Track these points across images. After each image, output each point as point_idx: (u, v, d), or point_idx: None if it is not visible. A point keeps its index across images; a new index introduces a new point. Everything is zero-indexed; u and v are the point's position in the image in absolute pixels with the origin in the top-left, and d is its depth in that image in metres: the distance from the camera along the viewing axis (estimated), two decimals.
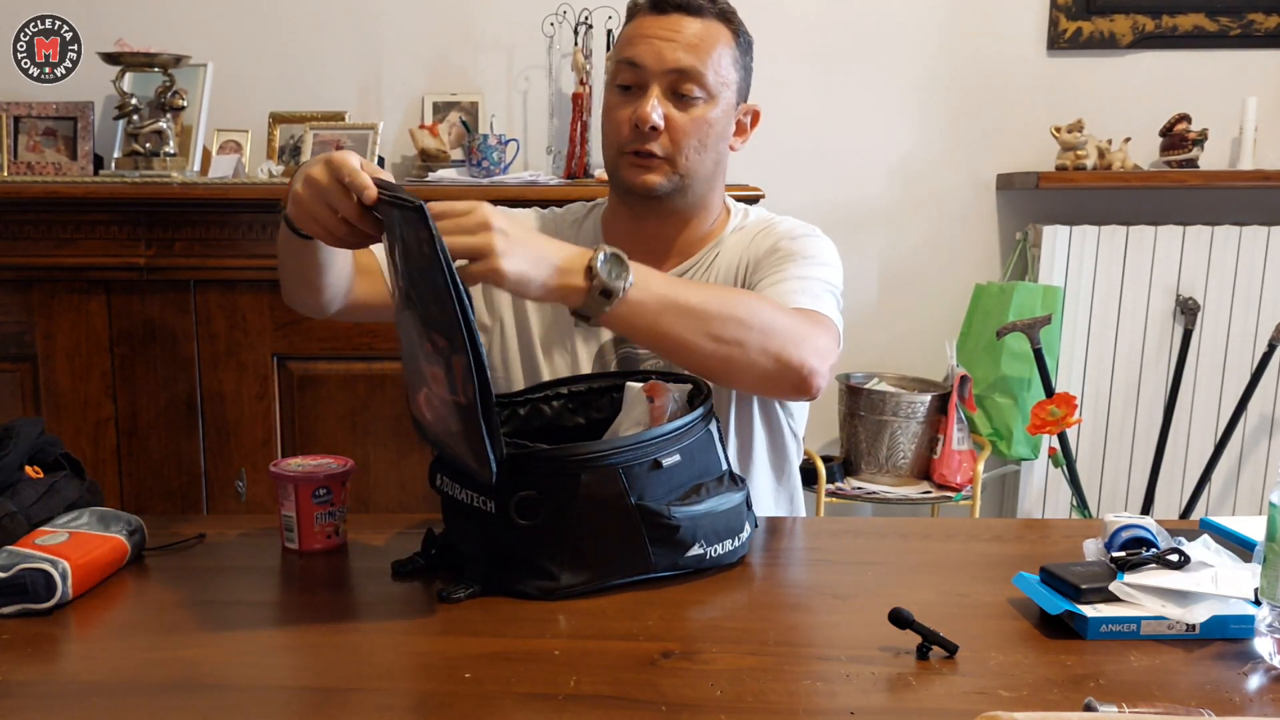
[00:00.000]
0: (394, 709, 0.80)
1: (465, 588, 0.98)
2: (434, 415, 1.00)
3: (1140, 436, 2.62)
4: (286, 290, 1.26)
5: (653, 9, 1.26)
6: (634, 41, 1.26)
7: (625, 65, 1.26)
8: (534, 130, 2.61)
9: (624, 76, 1.27)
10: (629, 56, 1.26)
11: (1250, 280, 2.55)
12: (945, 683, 0.82)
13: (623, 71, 1.27)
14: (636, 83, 1.26)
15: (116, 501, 2.25)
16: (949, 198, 2.67)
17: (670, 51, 1.24)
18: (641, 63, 1.24)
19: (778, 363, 1.12)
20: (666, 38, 1.24)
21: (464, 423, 0.92)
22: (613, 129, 1.29)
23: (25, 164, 2.42)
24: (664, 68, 1.24)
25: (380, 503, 2.27)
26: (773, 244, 1.32)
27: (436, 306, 0.89)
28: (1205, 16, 2.58)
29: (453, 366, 0.90)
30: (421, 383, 1.00)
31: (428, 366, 0.95)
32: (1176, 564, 0.94)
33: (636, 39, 1.26)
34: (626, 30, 1.29)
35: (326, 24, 2.57)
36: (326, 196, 0.98)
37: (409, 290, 0.95)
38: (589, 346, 1.34)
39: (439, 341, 0.91)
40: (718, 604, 1.00)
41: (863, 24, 2.60)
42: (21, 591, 0.94)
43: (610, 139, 1.30)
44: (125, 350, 2.24)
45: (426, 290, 0.90)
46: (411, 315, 0.96)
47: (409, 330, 0.98)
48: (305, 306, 1.26)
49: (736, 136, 1.35)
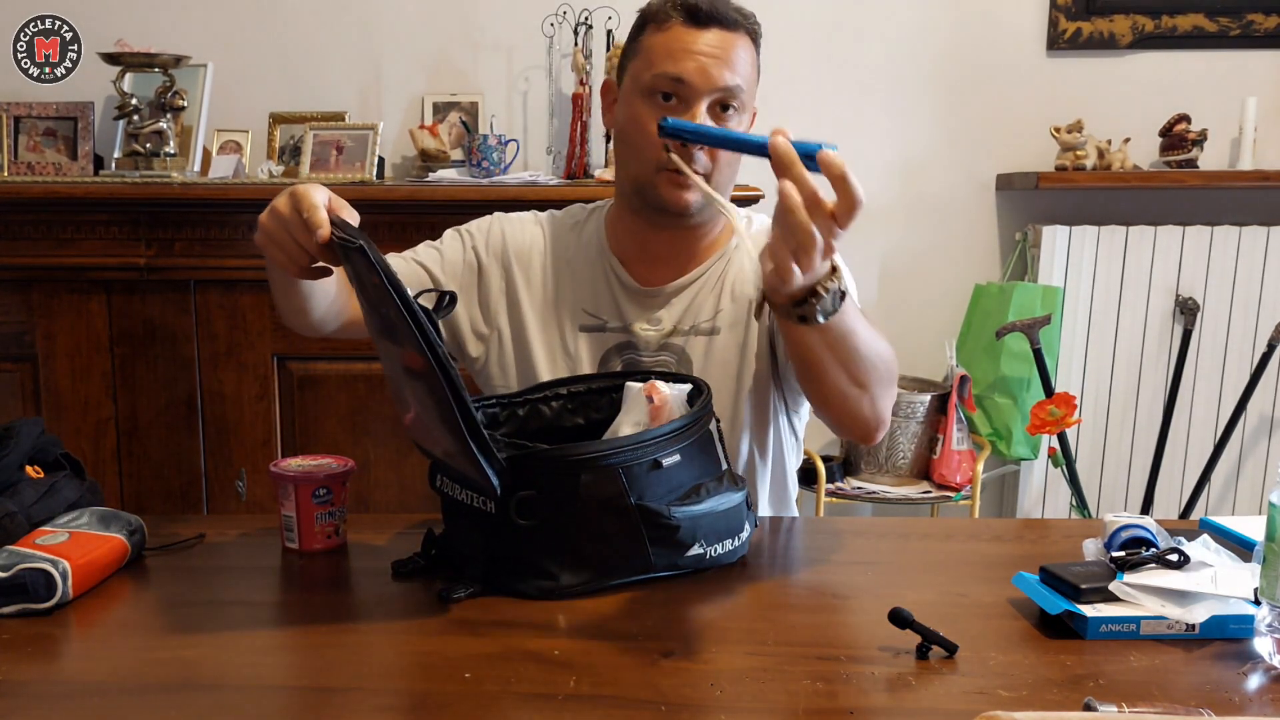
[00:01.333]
0: (394, 709, 0.80)
1: (465, 588, 0.98)
2: (426, 435, 1.01)
3: (1140, 436, 2.62)
4: (281, 312, 1.27)
5: (690, 21, 1.21)
6: (677, 56, 1.20)
7: (668, 79, 1.21)
8: (534, 130, 2.61)
9: (665, 86, 1.21)
10: (675, 73, 1.20)
11: (1250, 280, 2.55)
12: (945, 683, 0.82)
13: (664, 84, 1.21)
14: (680, 97, 1.21)
15: (116, 501, 2.25)
16: (949, 198, 2.67)
17: (717, 70, 1.20)
18: (690, 80, 1.20)
19: (874, 412, 1.14)
20: (712, 54, 1.20)
21: (456, 443, 0.92)
22: (649, 141, 1.22)
23: (25, 164, 2.42)
24: (712, 86, 1.20)
25: (380, 503, 2.27)
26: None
27: (403, 335, 0.90)
28: (1205, 17, 2.58)
29: (429, 396, 0.91)
30: (406, 407, 1.01)
31: (409, 391, 0.96)
32: (1176, 564, 0.94)
33: (680, 54, 1.20)
34: (659, 40, 1.22)
35: (326, 24, 2.57)
36: (288, 228, 1.00)
37: (379, 321, 0.96)
38: (590, 353, 1.33)
39: (414, 367, 0.91)
40: (718, 604, 1.00)
41: (863, 24, 2.60)
42: (22, 591, 0.95)
43: (644, 152, 1.23)
44: (125, 350, 2.24)
45: (392, 320, 0.91)
46: (387, 343, 0.97)
47: (388, 357, 0.99)
48: (300, 327, 1.27)
49: None
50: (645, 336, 1.32)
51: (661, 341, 1.32)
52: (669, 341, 1.32)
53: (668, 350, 1.32)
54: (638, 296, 1.32)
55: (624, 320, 1.32)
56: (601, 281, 1.33)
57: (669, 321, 1.32)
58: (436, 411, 0.92)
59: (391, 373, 1.02)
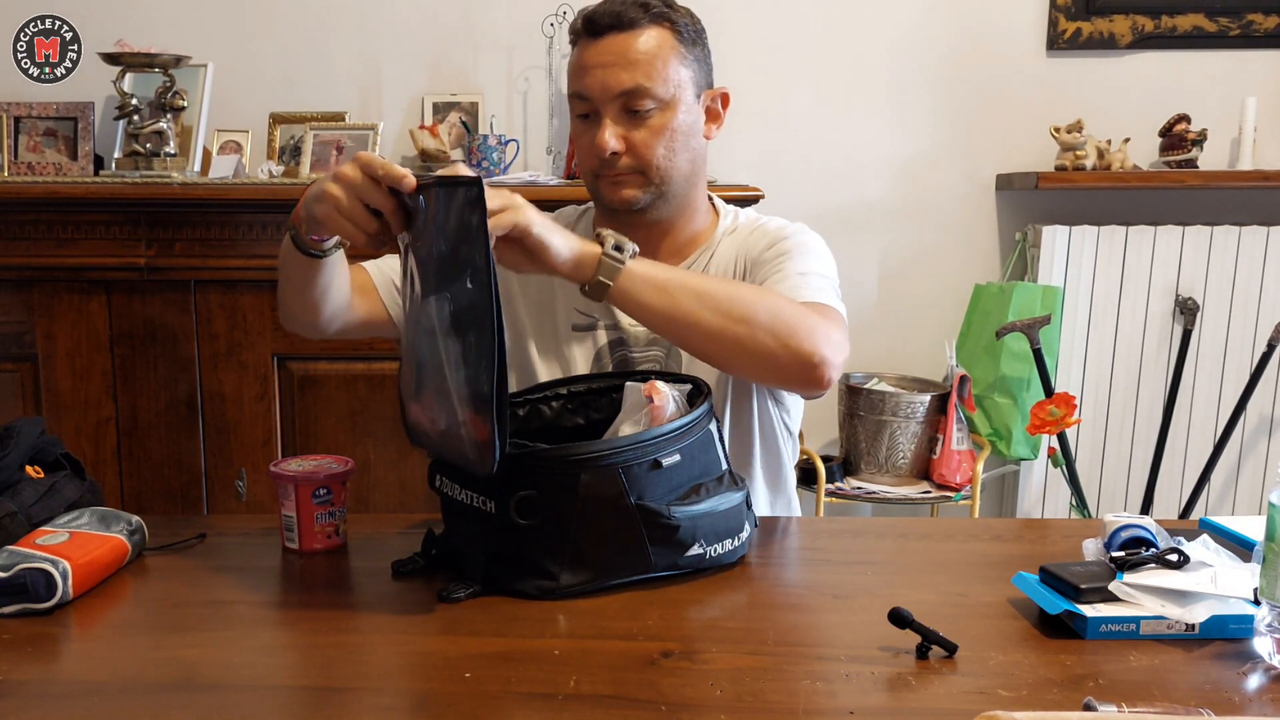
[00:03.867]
0: (394, 709, 0.80)
1: (465, 588, 0.99)
2: (434, 413, 1.00)
3: (1140, 436, 2.62)
4: (288, 311, 1.27)
5: (590, 34, 1.27)
6: (579, 73, 1.28)
7: (576, 99, 1.29)
8: (534, 131, 2.61)
9: (578, 108, 1.30)
10: (577, 90, 1.28)
11: (1250, 280, 2.55)
12: (945, 682, 0.82)
13: (576, 104, 1.30)
14: (591, 112, 1.28)
15: (117, 501, 2.26)
16: (949, 198, 2.67)
17: (612, 76, 1.25)
18: (589, 95, 1.27)
19: (787, 349, 1.12)
20: (607, 63, 1.25)
21: (475, 409, 0.92)
22: (582, 156, 1.32)
23: (26, 164, 2.42)
24: (610, 95, 1.25)
25: (380, 503, 2.27)
26: (768, 242, 1.33)
27: (469, 288, 0.91)
28: (1205, 17, 2.58)
29: (469, 350, 0.92)
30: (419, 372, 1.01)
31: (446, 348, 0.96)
32: (1176, 564, 0.94)
33: (581, 70, 1.28)
34: (572, 60, 1.31)
35: (326, 24, 2.57)
36: (360, 192, 1.00)
37: (437, 277, 0.96)
38: (584, 351, 1.34)
39: (465, 325, 0.92)
40: (718, 604, 1.00)
41: (863, 24, 2.60)
42: (22, 591, 0.95)
43: (583, 164, 1.33)
44: (126, 350, 2.24)
45: (458, 272, 0.92)
46: (437, 301, 0.96)
47: (427, 317, 0.98)
48: (305, 326, 1.28)
49: (710, 124, 1.35)
50: (634, 331, 1.33)
51: (651, 335, 1.32)
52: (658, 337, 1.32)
53: (658, 344, 1.33)
54: None
55: (614, 316, 1.34)
56: None
57: None
58: (468, 372, 0.92)
59: (415, 338, 1.02)
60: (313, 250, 1.15)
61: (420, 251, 0.99)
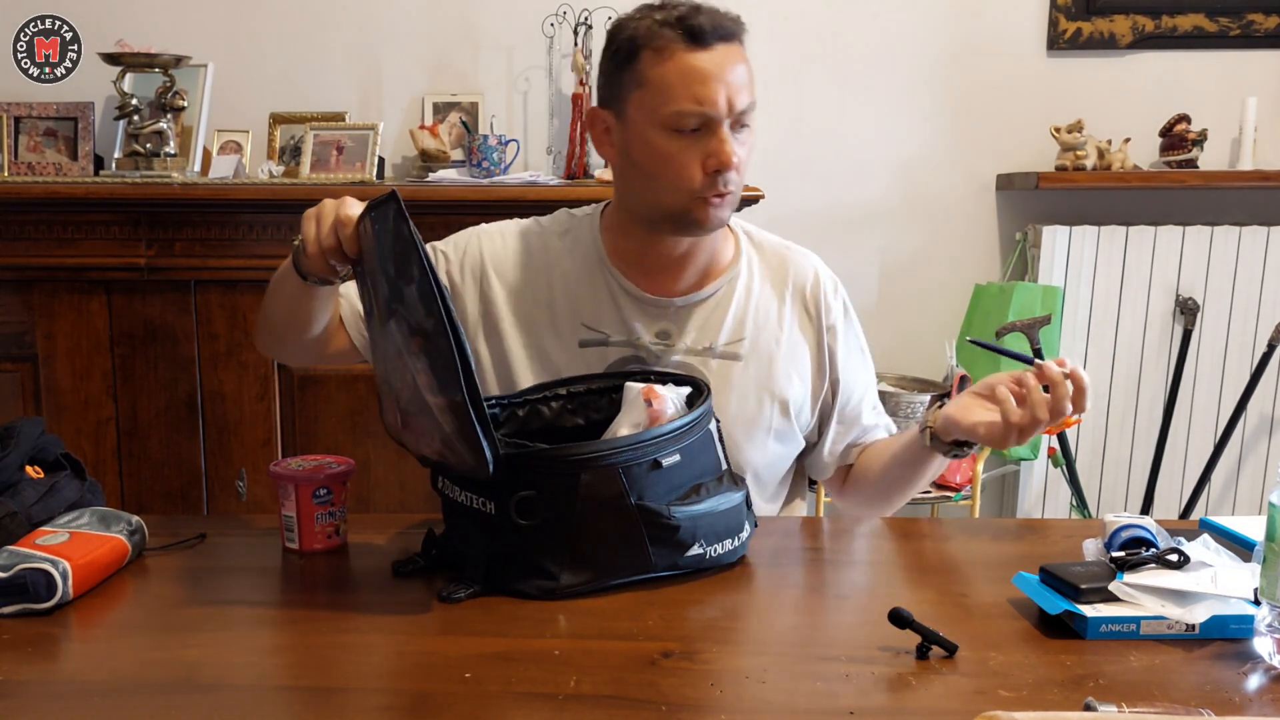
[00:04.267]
0: (394, 709, 0.80)
1: (465, 588, 0.99)
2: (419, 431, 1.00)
3: (1140, 436, 2.62)
4: (273, 336, 1.27)
5: (693, 42, 1.16)
6: (693, 87, 1.15)
7: (694, 116, 1.16)
8: (534, 131, 2.61)
9: (690, 123, 1.16)
10: (697, 109, 1.16)
11: (1250, 280, 2.55)
12: (945, 683, 0.82)
13: (689, 121, 1.16)
14: (702, 124, 1.17)
15: (117, 501, 2.25)
16: (949, 198, 2.67)
17: (737, 95, 1.17)
18: (711, 106, 1.16)
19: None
20: (727, 75, 1.16)
21: (456, 420, 0.92)
22: (680, 175, 1.18)
23: (26, 164, 2.42)
24: (733, 109, 1.17)
25: (380, 503, 2.27)
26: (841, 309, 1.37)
27: (416, 298, 0.91)
28: (1205, 17, 2.58)
29: (437, 361, 0.91)
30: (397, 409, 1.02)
31: (413, 367, 0.95)
32: (1176, 564, 0.94)
33: (695, 84, 1.15)
34: (668, 70, 1.16)
35: (326, 24, 2.57)
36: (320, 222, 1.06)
37: (390, 297, 0.96)
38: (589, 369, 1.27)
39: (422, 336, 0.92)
40: (718, 604, 1.00)
41: (863, 24, 2.60)
42: (22, 591, 0.95)
43: (678, 184, 1.19)
44: (126, 350, 2.24)
45: (403, 287, 0.92)
46: (395, 323, 0.97)
47: (391, 341, 0.98)
48: (285, 353, 1.28)
49: None
50: (654, 350, 1.28)
51: (672, 358, 1.28)
52: (684, 360, 1.28)
53: (680, 368, 1.27)
54: (645, 307, 1.28)
55: (629, 333, 1.28)
56: (604, 293, 1.29)
57: (679, 337, 1.29)
58: (437, 384, 0.92)
59: (386, 369, 1.02)
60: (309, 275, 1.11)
61: (374, 281, 1.00)
